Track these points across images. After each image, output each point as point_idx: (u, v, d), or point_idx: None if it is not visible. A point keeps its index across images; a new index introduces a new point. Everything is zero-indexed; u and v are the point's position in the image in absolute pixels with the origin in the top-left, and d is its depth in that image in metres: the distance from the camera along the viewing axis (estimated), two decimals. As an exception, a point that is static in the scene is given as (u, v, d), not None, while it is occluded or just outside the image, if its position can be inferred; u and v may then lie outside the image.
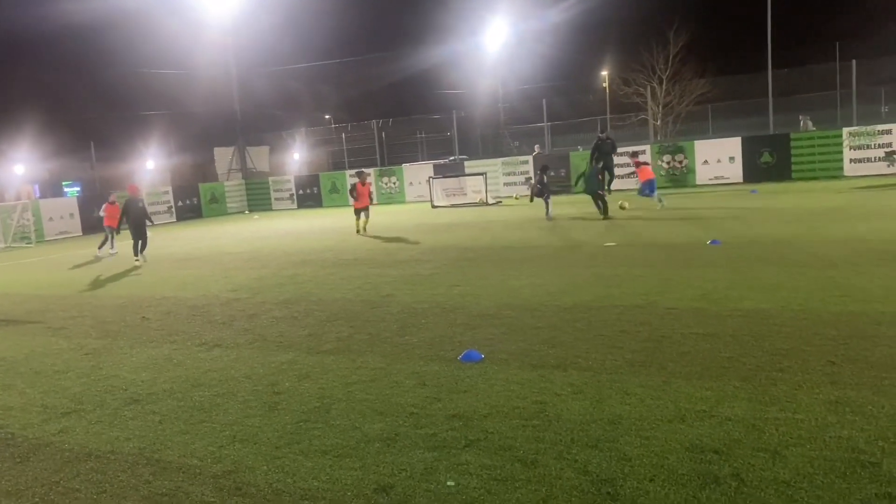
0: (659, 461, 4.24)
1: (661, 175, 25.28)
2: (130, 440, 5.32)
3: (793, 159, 23.72)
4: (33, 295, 12.99)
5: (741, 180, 24.10)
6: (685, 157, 25.13)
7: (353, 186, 19.19)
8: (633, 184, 25.46)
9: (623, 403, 5.20)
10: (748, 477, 3.97)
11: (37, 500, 4.48)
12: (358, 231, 18.62)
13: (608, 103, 51.99)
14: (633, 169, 22.24)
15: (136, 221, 16.47)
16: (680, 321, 7.30)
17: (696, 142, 25.93)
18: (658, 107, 43.82)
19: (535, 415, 5.12)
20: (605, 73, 58.24)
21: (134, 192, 17.07)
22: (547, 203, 18.92)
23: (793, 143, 23.87)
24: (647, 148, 26.14)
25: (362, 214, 18.80)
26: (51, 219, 26.46)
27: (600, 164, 22.64)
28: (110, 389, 6.64)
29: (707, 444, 4.42)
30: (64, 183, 38.23)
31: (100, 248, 18.34)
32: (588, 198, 18.38)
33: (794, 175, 23.59)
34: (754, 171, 24.02)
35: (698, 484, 3.94)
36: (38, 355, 8.23)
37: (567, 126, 42.85)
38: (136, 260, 16.26)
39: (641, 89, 42.03)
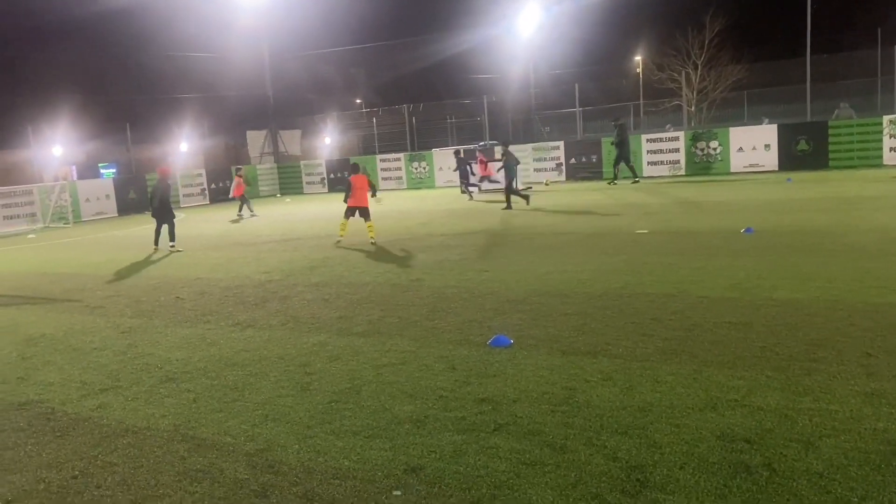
0: (689, 449, 4.23)
1: (695, 162, 24.96)
2: (166, 417, 5.44)
3: (830, 147, 23.22)
4: (71, 274, 13.27)
5: (776, 168, 23.68)
6: (719, 144, 24.75)
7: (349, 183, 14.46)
8: (663, 170, 25.19)
9: (653, 391, 5.18)
10: (780, 467, 3.93)
11: (76, 472, 4.61)
12: (340, 239, 14.49)
13: (641, 88, 51.34)
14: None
15: (162, 204, 15.46)
16: (712, 310, 7.23)
17: (730, 129, 25.51)
18: (692, 93, 43.13)
19: (564, 400, 5.13)
20: (638, 58, 57.50)
21: (164, 174, 16.11)
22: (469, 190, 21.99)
23: (830, 131, 23.37)
24: (682, 134, 25.77)
25: (357, 215, 14.27)
26: (87, 200, 26.93)
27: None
28: (146, 367, 6.78)
29: (738, 433, 4.39)
30: (100, 165, 38.84)
31: (240, 211, 22.59)
32: (620, 185, 18.29)
33: (831, 164, 23.10)
34: (790, 160, 23.57)
35: (729, 472, 3.92)
36: (77, 333, 8.43)
37: (599, 112, 42.45)
38: (155, 248, 15.36)
39: (676, 75, 41.39)
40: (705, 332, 6.49)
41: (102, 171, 38.90)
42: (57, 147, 32.39)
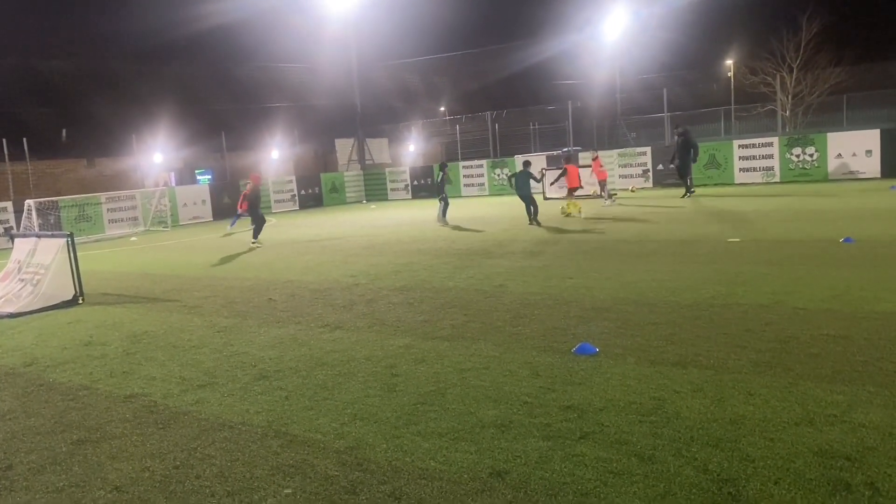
0: (785, 464, 4.09)
1: (790, 169, 23.98)
2: (259, 413, 5.65)
3: (940, 153, 21.87)
4: (170, 275, 13.94)
5: (879, 175, 22.48)
6: (816, 150, 23.71)
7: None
8: (756, 177, 24.31)
9: (746, 404, 5.03)
10: (884, 486, 3.76)
11: (178, 463, 4.85)
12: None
13: (733, 93, 49.74)
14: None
15: (252, 208, 18.04)
16: (809, 322, 6.96)
17: (828, 134, 24.39)
18: (787, 97, 41.49)
19: (652, 411, 5.04)
20: (730, 61, 55.74)
21: (255, 181, 18.56)
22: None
23: (941, 136, 22.02)
24: (776, 140, 24.82)
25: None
26: (185, 204, 28.24)
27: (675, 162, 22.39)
28: (240, 365, 7.07)
29: (838, 449, 4.21)
30: (197, 171, 40.56)
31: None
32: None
33: (941, 170, 21.76)
34: (894, 166, 22.33)
35: (828, 490, 3.77)
36: (176, 331, 8.86)
37: (688, 117, 41.30)
38: (255, 243, 17.67)
39: (769, 78, 39.95)
40: (802, 345, 6.25)
41: (199, 177, 40.61)
42: (158, 154, 34.06)
